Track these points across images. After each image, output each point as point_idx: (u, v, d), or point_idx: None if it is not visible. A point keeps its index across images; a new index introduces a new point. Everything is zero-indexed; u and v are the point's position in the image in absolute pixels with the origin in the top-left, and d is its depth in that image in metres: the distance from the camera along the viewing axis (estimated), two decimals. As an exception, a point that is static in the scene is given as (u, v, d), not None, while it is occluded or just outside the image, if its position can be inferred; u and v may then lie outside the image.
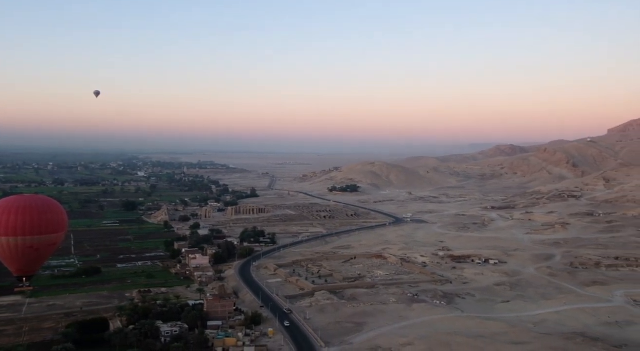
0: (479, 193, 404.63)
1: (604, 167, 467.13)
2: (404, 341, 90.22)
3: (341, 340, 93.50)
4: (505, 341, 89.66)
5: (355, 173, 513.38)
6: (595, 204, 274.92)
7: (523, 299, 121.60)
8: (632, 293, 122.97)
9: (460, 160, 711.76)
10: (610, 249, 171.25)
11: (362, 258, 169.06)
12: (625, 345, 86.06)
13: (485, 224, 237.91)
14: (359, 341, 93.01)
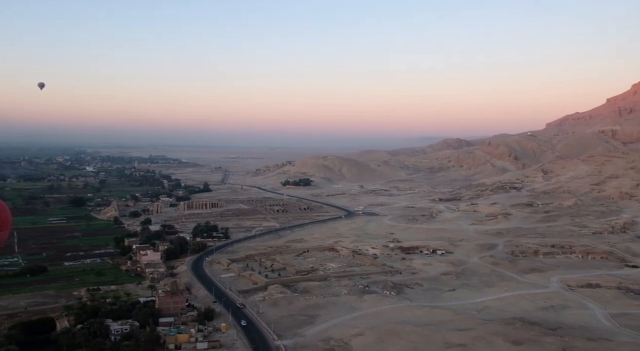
0: (428, 186, 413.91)
1: (542, 160, 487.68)
2: (355, 332, 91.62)
3: (294, 332, 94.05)
4: (451, 328, 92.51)
5: (308, 167, 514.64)
6: (534, 195, 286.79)
7: (468, 287, 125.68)
8: (566, 279, 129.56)
9: (410, 154, 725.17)
10: (547, 238, 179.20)
11: (315, 251, 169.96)
12: (559, 327, 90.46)
13: (433, 216, 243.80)
14: (312, 333, 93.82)
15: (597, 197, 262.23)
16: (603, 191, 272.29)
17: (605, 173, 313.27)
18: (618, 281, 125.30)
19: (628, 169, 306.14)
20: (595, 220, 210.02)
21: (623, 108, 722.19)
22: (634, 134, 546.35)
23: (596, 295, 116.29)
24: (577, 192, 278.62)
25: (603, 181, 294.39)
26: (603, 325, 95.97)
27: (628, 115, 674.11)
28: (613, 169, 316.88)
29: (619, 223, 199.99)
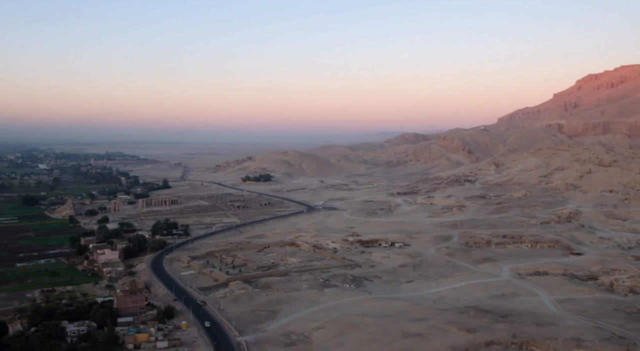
0: (386, 180, 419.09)
1: (494, 153, 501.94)
2: (316, 325, 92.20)
3: (255, 328, 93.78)
4: (408, 318, 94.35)
5: (268, 163, 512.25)
6: (487, 187, 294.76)
7: (424, 278, 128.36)
8: (516, 268, 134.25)
9: (369, 148, 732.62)
10: (499, 228, 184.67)
11: (276, 246, 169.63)
12: (510, 314, 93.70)
13: (391, 209, 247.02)
14: (273, 328, 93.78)
15: (545, 189, 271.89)
16: (550, 183, 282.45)
17: (552, 165, 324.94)
18: (564, 269, 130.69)
19: (573, 161, 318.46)
20: (543, 211, 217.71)
21: (568, 103, 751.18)
22: (578, 128, 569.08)
23: (544, 282, 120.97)
24: (527, 184, 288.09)
25: (550, 173, 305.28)
26: (550, 310, 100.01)
27: (573, 110, 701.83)
28: (559, 162, 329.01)
29: (564, 213, 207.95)
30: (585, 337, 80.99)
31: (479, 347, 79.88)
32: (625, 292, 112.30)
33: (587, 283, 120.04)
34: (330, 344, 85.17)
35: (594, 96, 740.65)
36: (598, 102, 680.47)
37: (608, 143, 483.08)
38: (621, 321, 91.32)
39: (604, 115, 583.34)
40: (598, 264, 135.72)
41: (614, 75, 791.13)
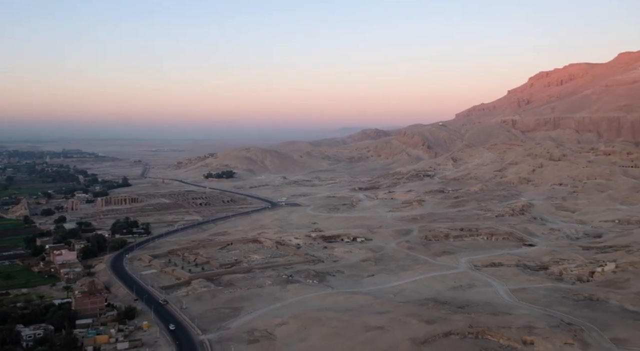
0: (348, 175, 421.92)
1: (452, 148, 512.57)
2: (279, 321, 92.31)
3: (218, 326, 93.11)
4: (370, 312, 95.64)
5: (230, 159, 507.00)
6: (445, 182, 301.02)
7: (386, 272, 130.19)
8: (473, 259, 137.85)
9: (331, 144, 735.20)
10: (457, 222, 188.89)
11: (239, 243, 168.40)
12: (467, 305, 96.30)
13: (353, 204, 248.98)
14: (236, 325, 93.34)
15: (499, 182, 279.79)
16: (505, 177, 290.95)
17: (507, 160, 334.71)
18: (517, 259, 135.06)
19: (526, 156, 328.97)
20: (498, 204, 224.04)
21: (521, 100, 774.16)
22: (530, 124, 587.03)
23: (499, 273, 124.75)
24: (483, 178, 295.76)
25: (505, 167, 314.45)
26: (504, 300, 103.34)
27: (526, 106, 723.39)
28: (513, 156, 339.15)
29: (518, 206, 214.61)
30: (537, 324, 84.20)
31: (438, 338, 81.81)
32: (573, 280, 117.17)
33: (538, 273, 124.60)
34: (293, 339, 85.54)
35: (545, 93, 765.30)
36: (549, 99, 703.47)
37: (558, 138, 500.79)
38: (569, 309, 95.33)
39: (554, 111, 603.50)
40: (548, 254, 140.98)
41: (563, 72, 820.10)
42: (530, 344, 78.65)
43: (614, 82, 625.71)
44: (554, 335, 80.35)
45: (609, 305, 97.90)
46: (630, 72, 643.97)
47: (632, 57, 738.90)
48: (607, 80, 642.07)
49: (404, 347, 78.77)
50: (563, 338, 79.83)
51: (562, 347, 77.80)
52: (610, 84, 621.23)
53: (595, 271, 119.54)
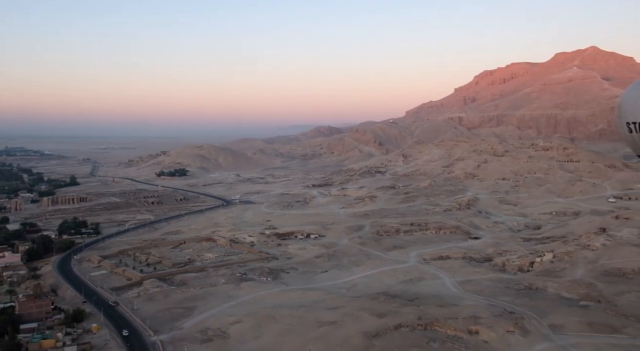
0: (302, 173, 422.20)
1: (402, 145, 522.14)
2: (233, 320, 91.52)
3: (171, 326, 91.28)
4: (323, 307, 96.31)
5: (183, 157, 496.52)
6: (396, 178, 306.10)
7: (338, 268, 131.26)
8: (422, 253, 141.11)
9: (285, 142, 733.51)
10: (407, 217, 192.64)
11: (192, 242, 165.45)
12: (416, 298, 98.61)
13: (307, 201, 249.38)
14: (189, 325, 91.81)
15: (447, 178, 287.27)
16: (452, 172, 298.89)
17: (454, 156, 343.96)
18: (463, 252, 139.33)
19: (471, 152, 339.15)
20: (446, 199, 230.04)
21: (467, 98, 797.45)
22: (475, 121, 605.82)
23: (446, 265, 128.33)
24: (432, 174, 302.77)
25: (452, 163, 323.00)
26: (451, 291, 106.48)
27: (471, 104, 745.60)
28: (460, 152, 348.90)
29: (464, 200, 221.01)
30: (481, 314, 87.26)
31: (389, 331, 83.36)
32: (514, 271, 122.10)
33: (483, 265, 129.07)
34: (247, 337, 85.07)
35: (489, 91, 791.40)
36: (492, 97, 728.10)
37: (501, 135, 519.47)
38: (511, 298, 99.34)
39: (497, 108, 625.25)
40: (492, 246, 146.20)
41: (506, 71, 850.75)
42: (475, 333, 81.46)
43: (551, 80, 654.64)
44: (497, 324, 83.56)
45: (547, 293, 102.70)
46: (565, 72, 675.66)
47: (568, 57, 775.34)
48: (545, 79, 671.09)
49: (356, 341, 79.80)
50: (505, 326, 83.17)
51: (505, 335, 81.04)
52: (548, 83, 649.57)
53: (535, 262, 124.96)
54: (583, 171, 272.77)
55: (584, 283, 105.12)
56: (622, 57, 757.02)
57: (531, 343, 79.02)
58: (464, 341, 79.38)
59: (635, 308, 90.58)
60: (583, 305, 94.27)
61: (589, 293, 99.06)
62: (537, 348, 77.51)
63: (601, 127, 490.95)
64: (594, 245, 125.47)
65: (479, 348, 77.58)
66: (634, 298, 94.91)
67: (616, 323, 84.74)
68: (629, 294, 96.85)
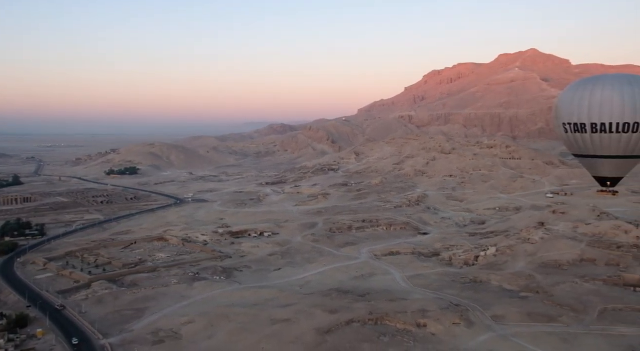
0: (255, 170, 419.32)
1: (355, 143, 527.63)
2: (185, 320, 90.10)
3: (121, 328, 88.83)
4: (276, 305, 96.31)
5: (134, 155, 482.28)
6: (348, 175, 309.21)
7: (292, 265, 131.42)
8: (373, 249, 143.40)
9: (238, 139, 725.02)
10: (359, 214, 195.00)
11: (143, 242, 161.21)
12: (368, 293, 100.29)
13: (260, 199, 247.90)
14: (140, 327, 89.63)
15: (398, 175, 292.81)
16: (402, 170, 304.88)
17: (404, 154, 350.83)
18: (413, 248, 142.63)
19: (420, 150, 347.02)
20: (397, 196, 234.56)
21: (417, 96, 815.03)
22: (424, 119, 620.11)
23: (396, 261, 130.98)
24: (383, 171, 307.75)
25: (402, 161, 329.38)
26: (401, 286, 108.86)
27: (421, 102, 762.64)
28: (410, 150, 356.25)
29: (414, 197, 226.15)
30: (429, 308, 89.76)
31: (341, 326, 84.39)
32: (460, 265, 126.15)
33: (431, 260, 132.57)
34: (200, 337, 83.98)
35: (437, 90, 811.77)
36: (440, 96, 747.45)
37: (449, 133, 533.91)
38: (457, 291, 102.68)
39: (445, 107, 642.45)
40: (440, 241, 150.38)
41: (453, 71, 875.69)
42: (423, 326, 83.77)
43: (495, 81, 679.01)
44: (444, 317, 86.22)
45: (490, 285, 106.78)
46: (508, 72, 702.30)
47: (510, 58, 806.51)
48: (489, 80, 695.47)
49: (309, 338, 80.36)
50: (452, 318, 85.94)
51: (451, 327, 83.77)
52: (492, 83, 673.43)
53: (480, 256, 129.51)
54: (524, 168, 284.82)
55: (524, 276, 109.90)
56: (559, 60, 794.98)
57: (475, 334, 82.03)
58: (412, 335, 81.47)
59: (570, 298, 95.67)
60: (523, 296, 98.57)
61: (529, 285, 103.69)
62: (481, 338, 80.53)
63: (540, 126, 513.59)
64: (534, 239, 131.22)
65: (427, 341, 79.84)
66: (568, 288, 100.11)
67: (552, 313, 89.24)
68: (564, 284, 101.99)
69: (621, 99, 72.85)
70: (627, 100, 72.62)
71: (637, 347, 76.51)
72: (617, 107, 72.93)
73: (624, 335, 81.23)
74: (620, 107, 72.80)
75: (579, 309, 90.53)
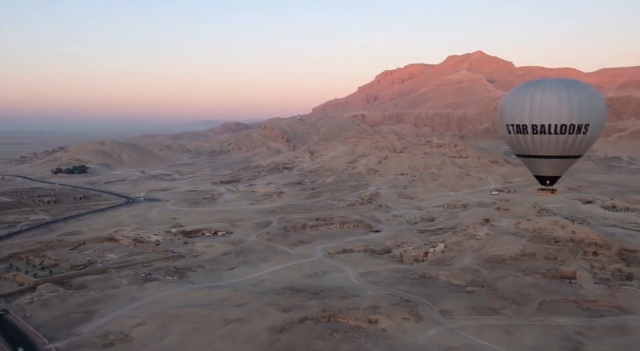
0: (209, 169, 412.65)
1: (309, 141, 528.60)
2: (136, 322, 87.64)
3: (68, 332, 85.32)
4: (230, 305, 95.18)
5: (83, 153, 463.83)
6: (303, 174, 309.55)
7: (246, 264, 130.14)
8: (327, 247, 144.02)
9: (192, 138, 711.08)
10: (313, 212, 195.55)
11: (93, 243, 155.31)
12: (321, 291, 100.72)
13: (214, 198, 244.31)
14: (89, 330, 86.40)
15: (351, 174, 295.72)
16: (355, 168, 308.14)
17: (357, 152, 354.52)
18: (365, 245, 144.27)
19: (373, 149, 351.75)
20: (350, 194, 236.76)
21: (370, 96, 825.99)
22: (377, 118, 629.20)
23: (349, 258, 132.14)
24: (337, 170, 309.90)
25: (355, 159, 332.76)
26: (353, 283, 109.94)
27: (373, 102, 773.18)
28: (363, 149, 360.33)
29: (366, 195, 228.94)
30: (380, 304, 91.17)
31: (294, 324, 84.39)
32: (411, 261, 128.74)
33: (383, 257, 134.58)
34: (151, 339, 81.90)
35: (389, 90, 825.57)
36: (392, 96, 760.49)
37: (400, 132, 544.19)
38: (407, 287, 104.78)
39: (397, 107, 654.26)
40: (391, 239, 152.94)
41: (404, 72, 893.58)
42: (375, 322, 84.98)
43: (444, 81, 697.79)
44: (394, 312, 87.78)
45: (439, 281, 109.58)
46: (456, 73, 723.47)
47: (458, 60, 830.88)
48: (438, 80, 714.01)
49: (262, 336, 79.93)
50: (402, 314, 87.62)
51: (401, 322, 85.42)
52: (441, 84, 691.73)
53: (429, 252, 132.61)
54: (471, 166, 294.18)
55: (470, 271, 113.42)
56: (503, 62, 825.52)
57: (424, 329, 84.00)
58: (364, 331, 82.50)
59: (512, 291, 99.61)
60: (469, 290, 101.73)
61: (474, 280, 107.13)
62: (429, 333, 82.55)
63: (486, 126, 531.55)
64: (479, 235, 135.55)
65: (378, 336, 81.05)
66: (510, 282, 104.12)
67: (496, 306, 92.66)
68: (506, 278, 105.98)
69: (559, 102, 76.49)
70: (564, 102, 76.31)
71: (572, 336, 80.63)
72: (555, 110, 76.52)
73: (560, 325, 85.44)
74: (558, 109, 76.42)
75: (520, 302, 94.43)
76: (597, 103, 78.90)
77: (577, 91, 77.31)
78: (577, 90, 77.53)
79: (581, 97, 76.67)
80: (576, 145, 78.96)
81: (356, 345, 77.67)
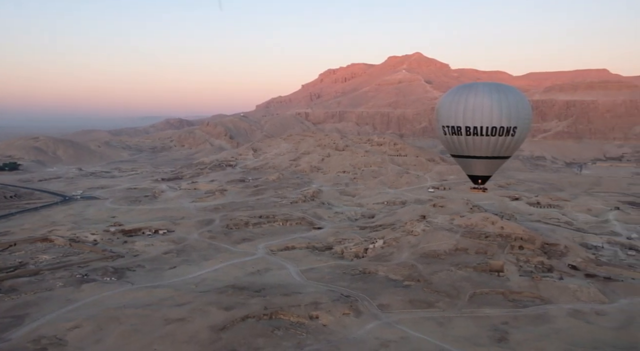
0: (151, 166, 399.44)
1: (253, 139, 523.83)
2: (71, 325, 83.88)
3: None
4: (171, 304, 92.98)
5: (14, 150, 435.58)
6: (246, 171, 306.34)
7: (188, 263, 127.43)
8: (269, 245, 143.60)
9: (133, 134, 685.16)
10: (256, 209, 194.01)
11: (25, 243, 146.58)
12: (263, 289, 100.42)
13: (155, 196, 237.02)
14: (19, 335, 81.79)
15: (294, 171, 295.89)
16: (299, 165, 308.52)
17: (301, 150, 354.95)
18: (307, 242, 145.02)
19: (316, 146, 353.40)
20: (293, 191, 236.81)
21: (313, 94, 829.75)
22: (320, 116, 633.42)
23: (292, 255, 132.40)
24: (280, 167, 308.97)
25: (299, 157, 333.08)
26: (295, 280, 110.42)
27: (317, 100, 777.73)
28: (306, 146, 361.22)
29: (309, 192, 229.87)
30: (322, 300, 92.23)
31: (236, 322, 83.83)
32: (351, 258, 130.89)
33: (324, 253, 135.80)
34: (87, 342, 78.74)
35: (332, 88, 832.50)
36: (335, 94, 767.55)
37: (343, 130, 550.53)
38: (347, 283, 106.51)
39: (340, 105, 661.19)
40: (333, 235, 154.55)
41: (347, 71, 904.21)
42: (316, 318, 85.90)
43: (384, 81, 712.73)
44: (335, 308, 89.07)
45: (377, 276, 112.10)
46: (396, 74, 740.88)
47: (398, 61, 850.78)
48: (380, 80, 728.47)
49: (203, 336, 78.81)
50: (342, 309, 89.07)
51: (341, 317, 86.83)
52: (382, 83, 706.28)
53: (369, 248, 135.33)
54: (409, 164, 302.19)
55: (407, 266, 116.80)
56: (440, 63, 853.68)
57: (363, 323, 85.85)
58: (305, 327, 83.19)
59: (445, 284, 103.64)
60: (406, 285, 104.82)
61: (411, 274, 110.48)
62: (368, 327, 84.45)
63: (424, 125, 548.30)
64: (416, 231, 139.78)
65: (319, 332, 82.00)
66: (444, 276, 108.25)
67: (431, 299, 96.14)
68: (441, 272, 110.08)
69: (490, 105, 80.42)
70: (495, 106, 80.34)
71: (499, 326, 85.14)
72: (486, 113, 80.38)
73: (489, 316, 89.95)
74: (489, 112, 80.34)
75: (452, 294, 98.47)
76: (524, 108, 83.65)
77: (507, 95, 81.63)
78: (506, 94, 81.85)
79: (510, 101, 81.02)
80: (505, 147, 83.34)
81: (297, 341, 78.22)
